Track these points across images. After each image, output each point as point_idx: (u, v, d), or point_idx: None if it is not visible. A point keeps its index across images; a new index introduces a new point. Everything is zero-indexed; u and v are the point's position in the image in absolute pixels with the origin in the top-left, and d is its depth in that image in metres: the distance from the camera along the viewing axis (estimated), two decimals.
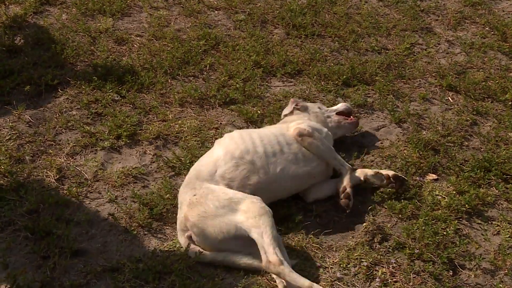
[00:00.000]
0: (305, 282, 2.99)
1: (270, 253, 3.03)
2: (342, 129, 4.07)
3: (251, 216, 3.14)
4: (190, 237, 3.26)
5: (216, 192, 3.27)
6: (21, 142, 3.89)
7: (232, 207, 3.20)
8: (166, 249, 3.27)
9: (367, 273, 3.21)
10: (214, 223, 3.18)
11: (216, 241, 3.19)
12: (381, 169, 3.80)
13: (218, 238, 3.17)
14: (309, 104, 4.08)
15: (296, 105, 4.01)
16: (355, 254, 3.31)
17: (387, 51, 5.14)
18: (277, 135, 3.62)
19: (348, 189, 3.57)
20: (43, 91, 4.31)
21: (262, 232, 3.09)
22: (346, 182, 3.60)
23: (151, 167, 3.82)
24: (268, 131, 3.67)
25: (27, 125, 4.05)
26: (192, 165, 3.65)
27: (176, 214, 3.43)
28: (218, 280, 3.09)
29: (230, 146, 3.49)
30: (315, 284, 3.00)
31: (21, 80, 4.33)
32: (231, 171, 3.40)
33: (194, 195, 3.29)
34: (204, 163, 3.47)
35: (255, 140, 3.54)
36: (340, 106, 4.16)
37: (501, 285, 3.17)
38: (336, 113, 4.09)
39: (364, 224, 3.47)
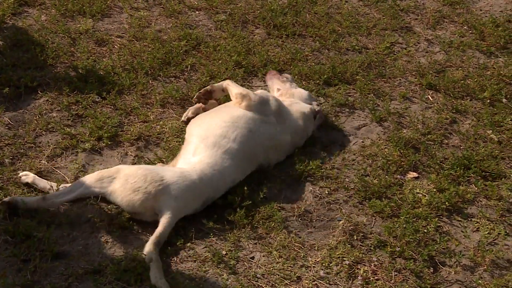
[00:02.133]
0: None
1: None
2: None
3: None
4: None
5: None
6: (0, 145, 3.85)
7: None
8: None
9: (349, 272, 3.23)
10: None
11: None
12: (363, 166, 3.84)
13: None
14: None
15: None
16: (337, 253, 3.33)
17: (367, 50, 5.18)
18: None
19: None
20: (22, 93, 4.27)
21: None
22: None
23: None
24: None
25: (7, 127, 4.01)
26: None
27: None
28: (200, 281, 3.09)
29: None
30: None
31: (0, 82, 4.28)
32: None
33: None
34: None
35: None
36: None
37: (480, 281, 3.21)
38: None
39: (341, 222, 3.49)
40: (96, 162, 3.82)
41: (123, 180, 3.38)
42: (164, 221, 3.31)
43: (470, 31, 5.54)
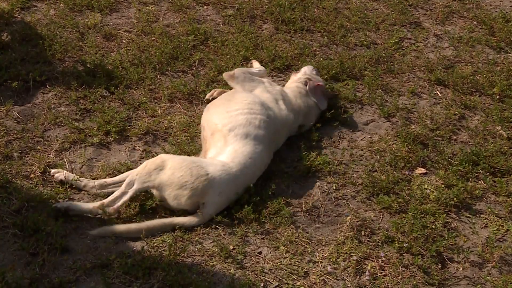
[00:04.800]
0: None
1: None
2: None
3: None
4: None
5: None
6: (9, 139, 3.87)
7: None
8: (155, 244, 3.26)
9: (357, 267, 3.23)
10: None
11: None
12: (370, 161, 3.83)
13: None
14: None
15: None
16: (344, 248, 3.32)
17: (376, 46, 5.16)
18: None
19: None
20: (31, 87, 4.28)
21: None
22: None
23: (140, 163, 3.79)
24: None
25: (15, 121, 4.02)
26: None
27: (165, 211, 3.47)
28: (207, 275, 3.09)
29: None
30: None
31: (9, 76, 4.29)
32: None
33: None
34: None
35: None
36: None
37: (488, 278, 3.20)
38: None
39: (348, 217, 3.49)
40: (104, 157, 3.83)
41: (169, 173, 3.39)
42: (203, 216, 3.40)
43: (480, 27, 5.51)
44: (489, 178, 3.83)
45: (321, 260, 3.27)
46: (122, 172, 3.69)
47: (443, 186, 3.75)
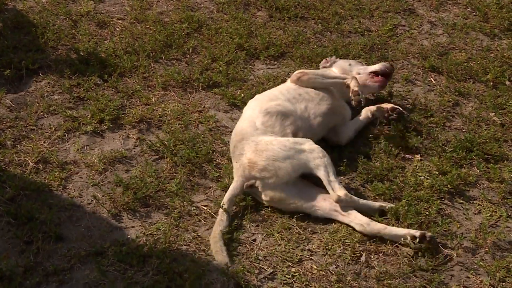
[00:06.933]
0: (375, 204, 3.44)
1: (337, 188, 3.38)
2: (366, 88, 4.17)
3: (316, 156, 3.43)
4: (251, 186, 3.45)
5: (278, 139, 3.53)
6: (2, 127, 3.85)
7: (298, 148, 3.46)
8: (150, 232, 3.27)
9: (351, 254, 3.23)
10: (285, 164, 3.42)
11: (285, 181, 3.44)
12: (375, 144, 3.83)
13: (288, 178, 3.44)
14: (340, 61, 4.32)
15: (326, 62, 4.31)
16: (339, 235, 3.33)
17: (370, 33, 5.14)
18: (290, 87, 3.92)
19: (356, 88, 3.91)
20: (23, 75, 4.26)
21: (328, 172, 3.41)
22: (353, 84, 3.93)
23: (134, 151, 3.81)
24: (282, 87, 3.95)
25: (8, 109, 4.01)
26: (176, 148, 3.73)
27: (160, 199, 3.45)
28: (202, 262, 3.10)
29: (256, 104, 3.77)
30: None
31: (1, 64, 4.27)
32: (267, 119, 3.64)
33: (256, 144, 3.50)
34: (242, 126, 3.68)
35: (276, 94, 3.84)
36: (377, 66, 4.26)
37: (482, 263, 3.22)
38: (369, 72, 4.20)
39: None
40: (98, 145, 3.82)
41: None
42: None
43: (474, 13, 5.50)
44: (483, 164, 3.84)
45: (315, 247, 3.28)
46: (117, 160, 3.69)
47: (437, 172, 3.76)
